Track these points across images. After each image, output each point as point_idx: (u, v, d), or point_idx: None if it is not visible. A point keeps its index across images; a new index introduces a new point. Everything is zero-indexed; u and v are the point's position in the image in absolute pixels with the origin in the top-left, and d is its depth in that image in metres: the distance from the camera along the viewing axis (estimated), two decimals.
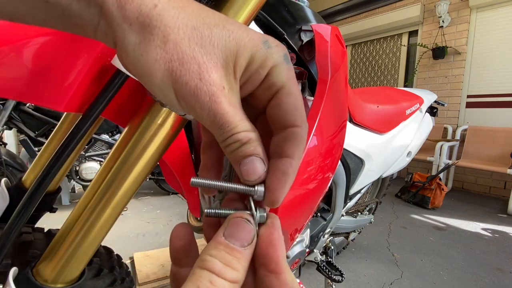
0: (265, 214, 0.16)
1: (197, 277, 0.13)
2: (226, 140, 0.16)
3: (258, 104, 0.18)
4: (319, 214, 0.90)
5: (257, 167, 0.16)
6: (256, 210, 0.16)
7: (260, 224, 0.16)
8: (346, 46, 0.99)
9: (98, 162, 2.20)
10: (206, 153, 0.20)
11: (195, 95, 0.14)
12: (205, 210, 0.17)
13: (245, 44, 0.15)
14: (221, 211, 0.17)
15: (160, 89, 0.15)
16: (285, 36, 0.47)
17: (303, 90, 0.47)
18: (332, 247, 1.05)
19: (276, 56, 0.16)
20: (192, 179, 0.17)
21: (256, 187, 0.16)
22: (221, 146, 0.16)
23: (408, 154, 1.09)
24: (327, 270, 0.89)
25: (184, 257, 0.18)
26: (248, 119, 0.16)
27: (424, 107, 1.17)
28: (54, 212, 0.62)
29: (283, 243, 0.16)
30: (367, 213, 1.36)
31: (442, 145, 2.78)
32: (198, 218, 0.96)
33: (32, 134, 1.94)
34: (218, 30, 0.15)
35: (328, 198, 0.89)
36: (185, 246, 0.18)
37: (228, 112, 0.15)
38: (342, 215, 1.05)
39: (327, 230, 0.92)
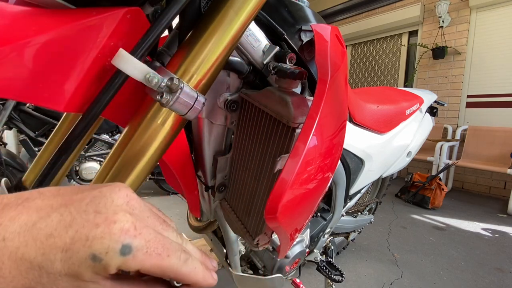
0: None
1: None
2: None
3: None
4: (319, 214, 0.90)
5: None
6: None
7: None
8: (346, 46, 0.99)
9: (98, 162, 2.20)
10: None
11: None
12: None
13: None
14: None
15: None
16: (285, 36, 0.47)
17: (303, 90, 0.47)
18: (332, 247, 1.05)
19: (112, 262, 0.15)
20: None
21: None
22: None
23: (408, 154, 1.09)
24: (327, 270, 0.89)
25: None
26: None
27: (424, 107, 1.17)
28: None
29: None
30: (367, 213, 1.36)
31: (442, 145, 2.78)
32: (198, 218, 0.96)
33: (32, 134, 1.94)
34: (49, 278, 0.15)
35: (328, 198, 0.89)
36: None
37: None
38: (342, 215, 1.05)
39: (327, 230, 0.92)
